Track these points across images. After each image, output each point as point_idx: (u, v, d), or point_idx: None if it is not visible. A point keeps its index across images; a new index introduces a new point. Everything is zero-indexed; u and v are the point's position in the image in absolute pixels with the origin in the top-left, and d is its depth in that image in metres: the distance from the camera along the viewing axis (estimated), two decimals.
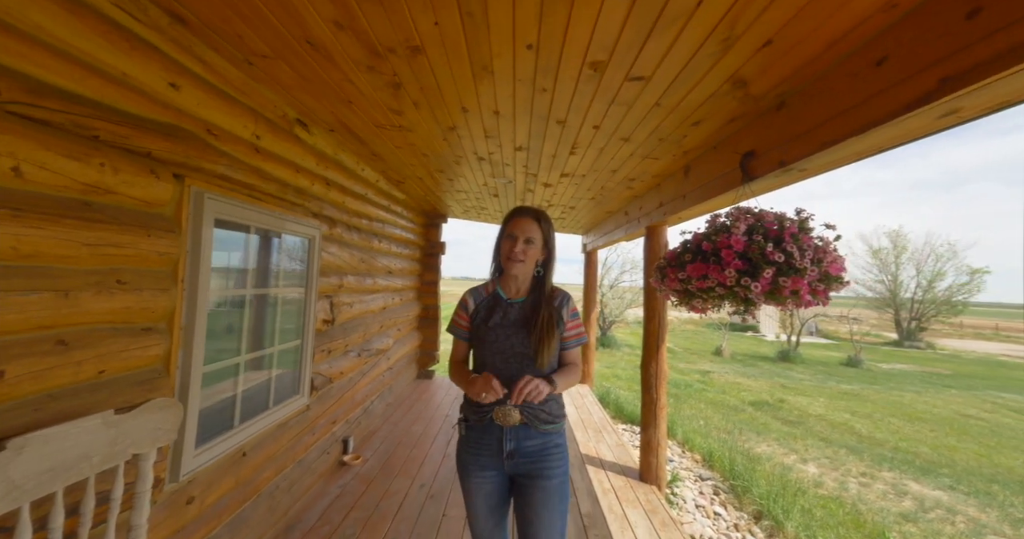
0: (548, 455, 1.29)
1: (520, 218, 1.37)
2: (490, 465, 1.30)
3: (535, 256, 1.37)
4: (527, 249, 1.34)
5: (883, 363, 14.54)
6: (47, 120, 1.07)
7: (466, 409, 1.37)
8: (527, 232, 1.35)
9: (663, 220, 2.88)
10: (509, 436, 1.28)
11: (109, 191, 1.21)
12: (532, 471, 1.28)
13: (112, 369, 1.23)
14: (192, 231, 1.51)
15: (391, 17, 1.34)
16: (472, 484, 1.32)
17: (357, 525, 2.32)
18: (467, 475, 1.33)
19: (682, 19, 1.19)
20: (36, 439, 0.93)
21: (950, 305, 18.21)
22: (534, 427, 1.28)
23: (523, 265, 1.35)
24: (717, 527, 3.07)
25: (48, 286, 1.05)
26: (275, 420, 2.13)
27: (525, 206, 1.42)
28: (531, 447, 1.28)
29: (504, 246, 1.37)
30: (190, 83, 1.54)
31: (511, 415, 1.27)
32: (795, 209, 1.52)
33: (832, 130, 1.29)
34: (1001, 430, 7.01)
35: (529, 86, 1.72)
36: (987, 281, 17.86)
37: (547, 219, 1.41)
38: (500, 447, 1.28)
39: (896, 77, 1.04)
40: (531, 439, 1.28)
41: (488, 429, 1.30)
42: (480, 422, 1.31)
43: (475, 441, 1.32)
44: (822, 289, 1.38)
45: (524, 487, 1.30)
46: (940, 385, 11.06)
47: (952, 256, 18.42)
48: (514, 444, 1.28)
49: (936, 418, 7.62)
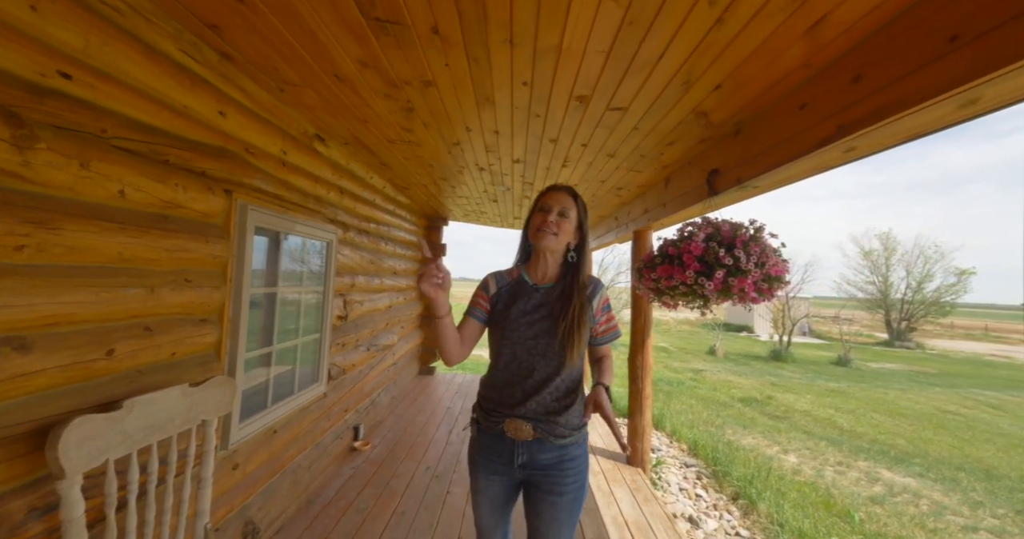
0: (563, 470, 1.17)
1: (554, 192, 1.25)
2: (500, 471, 1.20)
3: (569, 233, 1.23)
4: (561, 222, 1.20)
5: (872, 362, 14.89)
6: (136, 150, 1.34)
7: (477, 411, 1.28)
8: (562, 204, 1.22)
9: (648, 225, 3.17)
10: (521, 449, 1.17)
11: (180, 206, 1.48)
12: (543, 485, 1.18)
13: (181, 352, 1.50)
14: (238, 238, 1.78)
15: (408, 59, 1.61)
16: (480, 484, 1.24)
17: (370, 500, 2.58)
18: (476, 474, 1.25)
19: (649, 67, 1.47)
20: (140, 402, 1.19)
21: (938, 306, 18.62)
22: (548, 442, 1.16)
23: (556, 239, 1.20)
24: (698, 507, 3.35)
25: (140, 284, 1.31)
26: (298, 404, 2.40)
27: (558, 184, 1.31)
28: (545, 460, 1.17)
29: (535, 219, 1.23)
30: (233, 110, 1.81)
31: (523, 430, 1.16)
32: (749, 219, 1.80)
33: (775, 156, 1.57)
34: (976, 424, 7.33)
35: (525, 112, 1.99)
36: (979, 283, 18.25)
37: (582, 200, 1.28)
38: (512, 457, 1.18)
39: (812, 120, 1.32)
40: (545, 453, 1.17)
41: (500, 438, 1.19)
42: (491, 430, 1.21)
43: (486, 446, 1.22)
44: (766, 288, 1.66)
45: (534, 497, 1.21)
46: (925, 383, 11.40)
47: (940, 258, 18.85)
48: (526, 457, 1.17)
49: (916, 414, 7.94)
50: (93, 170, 1.16)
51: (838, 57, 1.24)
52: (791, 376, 11.54)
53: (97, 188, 1.18)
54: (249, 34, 1.51)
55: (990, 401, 9.28)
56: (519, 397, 1.17)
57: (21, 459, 1.00)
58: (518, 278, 1.29)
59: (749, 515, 3.28)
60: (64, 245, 1.08)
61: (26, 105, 1.01)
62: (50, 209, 1.05)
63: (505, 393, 1.20)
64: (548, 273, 1.27)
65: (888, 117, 1.06)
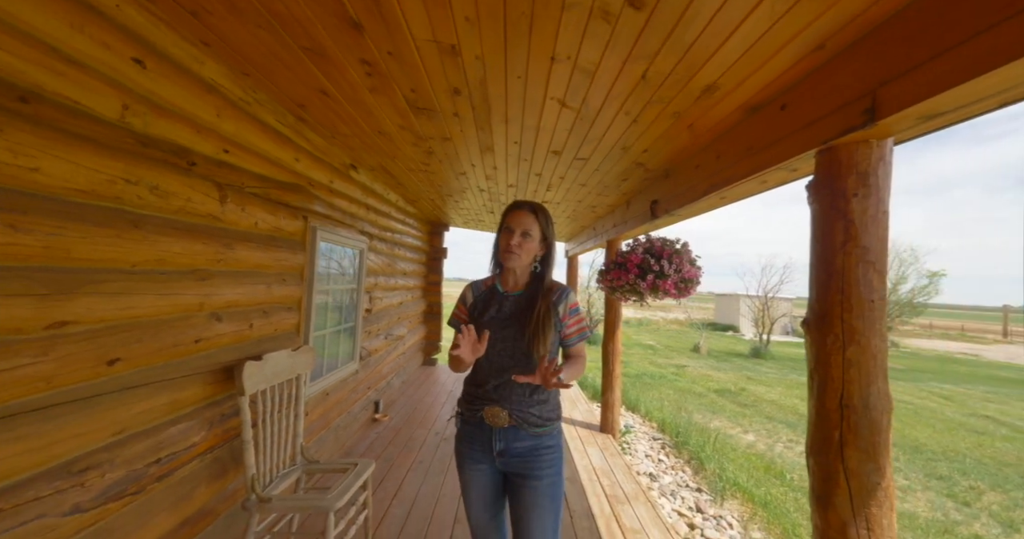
0: (538, 456, 1.26)
1: (517, 211, 1.34)
2: (483, 460, 1.30)
3: (532, 250, 1.34)
4: (523, 242, 1.31)
5: None
6: (259, 194, 2.03)
7: (462, 404, 1.37)
8: (524, 225, 1.32)
9: (617, 236, 3.89)
10: (498, 436, 1.27)
11: (281, 229, 2.18)
12: (522, 471, 1.27)
13: (280, 329, 2.19)
14: (310, 249, 2.47)
15: (434, 126, 2.31)
16: (467, 476, 1.33)
17: (394, 454, 3.28)
18: (462, 467, 1.33)
19: (597, 139, 2.20)
20: (270, 357, 1.89)
21: (912, 307, 19.58)
22: (523, 430, 1.26)
23: (519, 258, 1.31)
24: (658, 467, 4.08)
25: (263, 282, 2.01)
26: (340, 376, 3.09)
27: (523, 200, 1.39)
28: (520, 448, 1.26)
29: (501, 240, 1.34)
30: (303, 155, 2.50)
31: (499, 416, 1.26)
32: (676, 238, 2.53)
33: (685, 196, 2.29)
34: (923, 412, 8.14)
35: (516, 158, 2.71)
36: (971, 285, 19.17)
37: (545, 213, 1.37)
38: (490, 444, 1.28)
39: (701, 177, 2.05)
40: (520, 441, 1.26)
41: (480, 426, 1.29)
42: (472, 419, 1.31)
43: (468, 435, 1.32)
44: (683, 287, 2.38)
45: (515, 486, 1.29)
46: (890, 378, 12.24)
47: (914, 261, 19.79)
48: (503, 444, 1.26)
49: None
50: (246, 211, 1.86)
51: (708, 143, 1.97)
52: (767, 371, 12.34)
53: (247, 222, 1.88)
54: (325, 111, 2.21)
55: (942, 392, 10.13)
56: (495, 388, 1.28)
57: (218, 384, 1.70)
58: (492, 286, 1.41)
59: (699, 473, 4.01)
60: (236, 258, 1.78)
61: (214, 174, 1.71)
62: (231, 237, 1.75)
63: (485, 388, 1.30)
64: (518, 282, 1.38)
65: (735, 183, 1.79)
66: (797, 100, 1.40)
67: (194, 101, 1.60)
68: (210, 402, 1.70)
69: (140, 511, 1.34)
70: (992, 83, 0.86)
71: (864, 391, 1.15)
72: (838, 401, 1.17)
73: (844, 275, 1.18)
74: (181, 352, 1.52)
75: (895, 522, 1.14)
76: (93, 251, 1.17)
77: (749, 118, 1.68)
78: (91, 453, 1.18)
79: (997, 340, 27.27)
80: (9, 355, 0.98)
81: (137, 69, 1.35)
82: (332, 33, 1.45)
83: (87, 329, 1.16)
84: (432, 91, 1.84)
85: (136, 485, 1.32)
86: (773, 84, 1.45)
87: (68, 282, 1.10)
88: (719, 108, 1.68)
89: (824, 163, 1.25)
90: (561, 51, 1.43)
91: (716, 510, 3.33)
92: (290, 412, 2.04)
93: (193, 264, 1.56)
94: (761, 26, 1.16)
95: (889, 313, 19.46)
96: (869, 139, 1.16)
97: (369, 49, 1.53)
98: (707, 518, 3.19)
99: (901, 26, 1.02)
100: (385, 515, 2.39)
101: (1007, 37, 0.79)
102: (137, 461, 1.33)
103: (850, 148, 1.19)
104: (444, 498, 2.62)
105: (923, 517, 3.70)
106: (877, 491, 1.12)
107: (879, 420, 1.14)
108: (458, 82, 1.74)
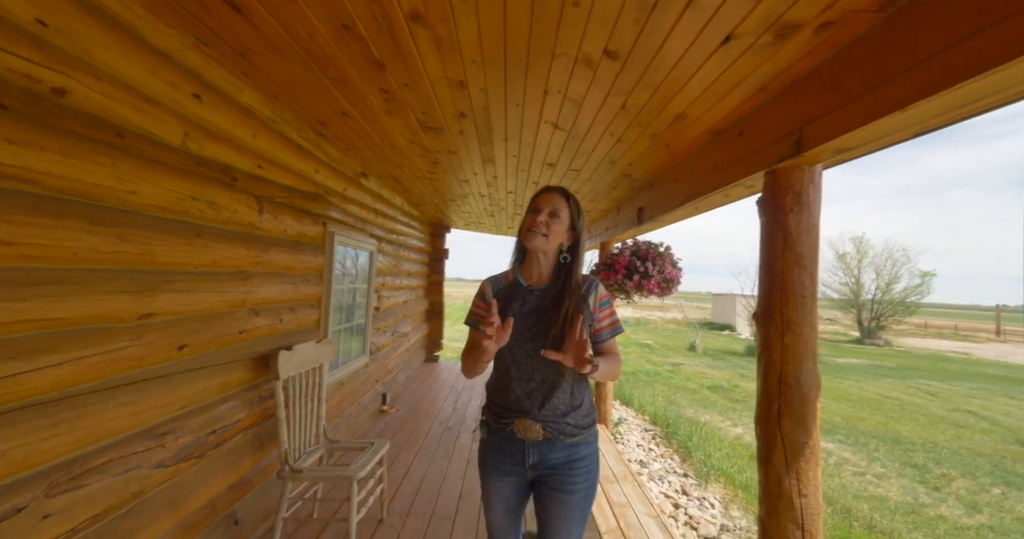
0: (573, 469, 1.18)
1: (547, 193, 1.24)
2: (512, 472, 1.21)
3: (560, 234, 1.21)
4: (551, 222, 1.19)
5: (839, 358, 16.05)
6: (286, 203, 2.29)
7: (487, 414, 1.27)
8: (553, 205, 1.21)
9: (609, 239, 4.16)
10: (532, 449, 1.17)
11: (305, 235, 2.44)
12: (554, 483, 1.19)
13: (303, 324, 2.46)
14: (328, 252, 2.73)
15: (442, 141, 2.57)
16: (491, 486, 1.24)
17: (402, 440, 3.55)
18: (487, 477, 1.25)
19: (587, 154, 2.46)
20: (299, 347, 2.15)
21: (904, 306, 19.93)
22: (558, 441, 1.17)
23: (545, 240, 1.19)
24: (649, 455, 4.35)
25: (290, 282, 2.27)
26: (352, 369, 3.35)
27: (552, 185, 1.31)
28: (555, 460, 1.18)
29: (526, 220, 1.23)
30: (321, 167, 2.76)
31: (532, 430, 1.16)
32: (660, 242, 2.80)
33: (666, 205, 2.56)
34: (909, 407, 8.42)
35: (515, 168, 2.97)
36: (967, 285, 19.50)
37: (577, 201, 1.27)
38: (523, 458, 1.18)
39: (679, 189, 2.31)
40: (556, 452, 1.17)
41: (510, 439, 1.19)
42: (502, 432, 1.21)
43: (496, 447, 1.22)
44: (665, 286, 2.65)
45: (545, 496, 1.21)
46: (880, 375, 12.54)
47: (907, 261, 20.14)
48: (537, 457, 1.18)
49: (860, 399, 9.03)
50: (278, 219, 2.12)
51: (684, 160, 2.24)
52: None
53: (278, 229, 2.14)
54: (344, 128, 2.47)
55: (930, 389, 10.41)
56: (526, 400, 1.17)
57: (253, 370, 1.96)
58: (513, 280, 1.28)
59: (687, 460, 4.28)
60: (270, 261, 2.04)
61: (252, 187, 1.97)
62: (266, 243, 2.01)
63: (511, 397, 1.19)
64: (543, 274, 1.26)
65: (704, 195, 2.05)
66: (751, 129, 1.66)
67: (235, 124, 1.86)
68: (250, 385, 1.97)
69: (202, 473, 1.60)
70: (881, 128, 1.13)
71: (797, 370, 1.42)
72: (777, 379, 1.44)
73: (783, 277, 1.44)
74: (228, 341, 1.78)
75: (819, 474, 1.40)
76: (170, 256, 1.43)
77: (715, 140, 1.94)
78: (168, 421, 1.44)
79: (990, 339, 27.63)
80: (114, 339, 1.24)
81: (196, 102, 1.61)
82: (357, 69, 1.71)
83: (165, 320, 1.42)
84: (441, 114, 2.11)
85: (199, 450, 1.58)
86: (732, 114, 1.71)
87: (153, 282, 1.36)
88: (689, 131, 1.94)
89: (769, 183, 1.51)
90: (552, 86, 1.69)
91: (700, 493, 3.60)
92: (314, 396, 2.31)
93: (238, 266, 1.82)
94: (714, 73, 1.43)
95: (883, 312, 19.69)
96: (801, 165, 1.42)
97: (388, 81, 1.79)
98: (691, 499, 3.46)
99: (819, 79, 1.29)
100: (397, 491, 2.65)
101: (889, 94, 1.05)
102: (199, 430, 1.59)
103: (787, 172, 1.45)
104: (450, 478, 2.88)
105: (894, 500, 3.97)
106: (805, 450, 1.38)
107: (808, 394, 1.41)
108: (464, 108, 2.00)
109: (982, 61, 0.83)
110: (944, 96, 0.93)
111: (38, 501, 1.02)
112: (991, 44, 0.82)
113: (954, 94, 0.92)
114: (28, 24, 1.06)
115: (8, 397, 0.98)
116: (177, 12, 1.42)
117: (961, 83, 0.87)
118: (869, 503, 3.84)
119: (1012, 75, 0.83)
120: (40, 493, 1.03)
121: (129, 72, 1.34)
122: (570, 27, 1.28)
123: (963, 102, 0.95)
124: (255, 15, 1.39)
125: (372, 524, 2.26)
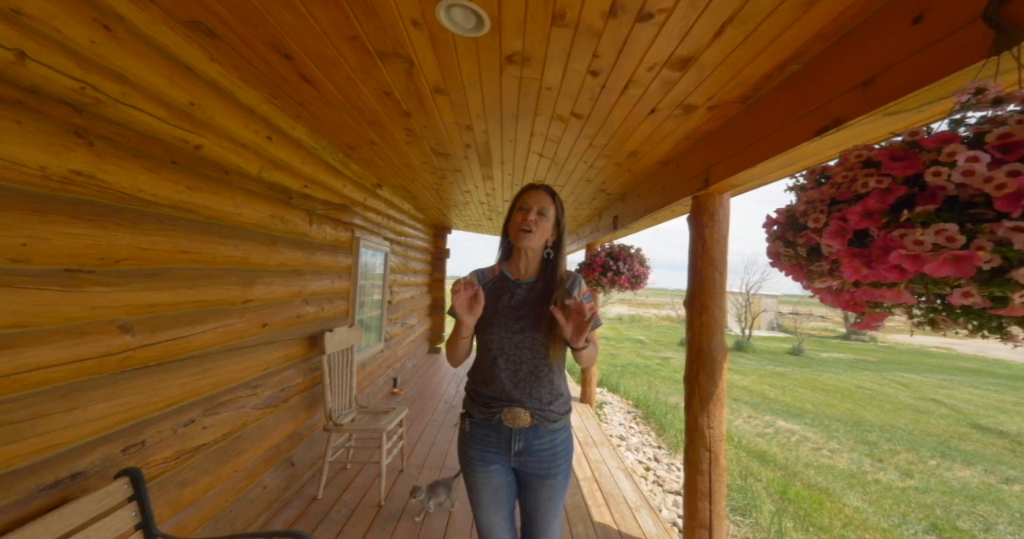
0: (556, 454, 1.26)
1: (534, 191, 1.31)
2: (496, 460, 1.26)
3: (546, 231, 1.29)
4: (539, 220, 1.26)
5: (823, 352, 16.71)
6: (325, 215, 2.84)
7: (470, 405, 1.31)
8: (541, 204, 1.28)
9: (594, 241, 4.72)
10: (518, 436, 1.23)
11: (339, 240, 2.99)
12: (539, 470, 1.26)
13: (336, 313, 3.01)
14: (355, 253, 3.29)
15: (449, 162, 3.13)
16: (478, 480, 1.27)
17: (414, 413, 4.11)
18: (472, 470, 1.28)
19: (568, 174, 3.02)
20: (338, 330, 2.71)
21: None
22: (544, 427, 1.24)
23: (533, 237, 1.26)
24: (629, 432, 4.93)
25: (327, 278, 2.82)
26: (370, 353, 3.91)
27: (537, 183, 1.35)
28: (540, 445, 1.24)
29: (515, 217, 1.29)
30: (348, 182, 3.31)
31: (520, 417, 1.22)
32: (631, 244, 3.36)
33: (634, 215, 3.12)
34: (879, 396, 9.04)
35: (510, 184, 3.53)
36: None
37: (559, 199, 1.34)
38: (508, 446, 1.24)
39: (641, 203, 2.87)
40: (540, 438, 1.24)
41: (496, 428, 1.25)
42: (488, 421, 1.25)
43: (481, 438, 1.27)
44: (635, 281, 3.21)
45: (531, 484, 1.28)
46: (860, 369, 13.18)
47: None
48: (523, 444, 1.24)
49: (836, 389, 9.65)
50: (323, 229, 2.67)
51: (644, 180, 2.80)
52: (746, 362, 13.24)
53: (321, 236, 2.69)
54: (369, 152, 3.02)
55: (903, 381, 11.05)
56: (515, 389, 1.22)
57: (306, 347, 2.52)
58: (500, 275, 1.34)
59: (662, 436, 4.86)
60: (317, 262, 2.60)
61: (303, 204, 2.52)
62: (314, 247, 2.57)
63: (499, 386, 1.24)
64: (529, 269, 1.32)
65: (657, 209, 2.61)
66: (684, 163, 2.22)
67: (291, 155, 2.41)
68: (303, 358, 2.52)
69: (275, 420, 2.16)
70: (753, 173, 1.69)
71: (710, 341, 1.98)
72: (696, 347, 2.00)
73: (700, 273, 2.01)
74: (290, 323, 2.33)
75: (724, 415, 1.97)
76: (259, 259, 1.98)
77: (663, 168, 2.51)
78: (258, 378, 2.00)
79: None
80: (229, 316, 1.79)
81: (268, 142, 2.16)
82: (388, 116, 2.26)
83: (256, 305, 1.97)
84: (450, 145, 2.66)
85: (275, 401, 2.14)
86: (670, 152, 2.28)
87: (250, 276, 1.92)
88: (643, 162, 2.50)
89: (694, 205, 2.08)
90: (537, 130, 2.25)
91: (669, 460, 4.18)
92: (347, 371, 2.87)
93: (296, 266, 2.38)
94: (649, 128, 1.99)
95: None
96: (712, 194, 1.99)
97: (411, 124, 2.34)
98: (661, 465, 4.03)
99: (717, 137, 1.86)
100: (412, 452, 3.22)
101: (753, 152, 1.61)
102: (275, 387, 2.15)
103: (704, 198, 2.02)
104: (455, 442, 3.44)
105: (840, 469, 4.57)
106: (713, 396, 1.95)
107: (717, 357, 1.97)
108: (469, 141, 2.55)
109: (784, 145, 1.40)
110: (775, 159, 1.50)
111: (199, 418, 1.58)
112: (789, 134, 1.39)
113: (778, 160, 1.48)
114: (184, 106, 1.61)
115: (181, 351, 1.54)
116: (262, 81, 1.97)
117: (778, 154, 1.44)
118: (817, 470, 4.43)
119: (798, 155, 1.40)
120: (199, 413, 1.59)
121: (232, 126, 1.89)
122: (545, 100, 1.84)
123: (784, 165, 1.52)
124: (320, 85, 1.94)
125: (395, 473, 2.83)
